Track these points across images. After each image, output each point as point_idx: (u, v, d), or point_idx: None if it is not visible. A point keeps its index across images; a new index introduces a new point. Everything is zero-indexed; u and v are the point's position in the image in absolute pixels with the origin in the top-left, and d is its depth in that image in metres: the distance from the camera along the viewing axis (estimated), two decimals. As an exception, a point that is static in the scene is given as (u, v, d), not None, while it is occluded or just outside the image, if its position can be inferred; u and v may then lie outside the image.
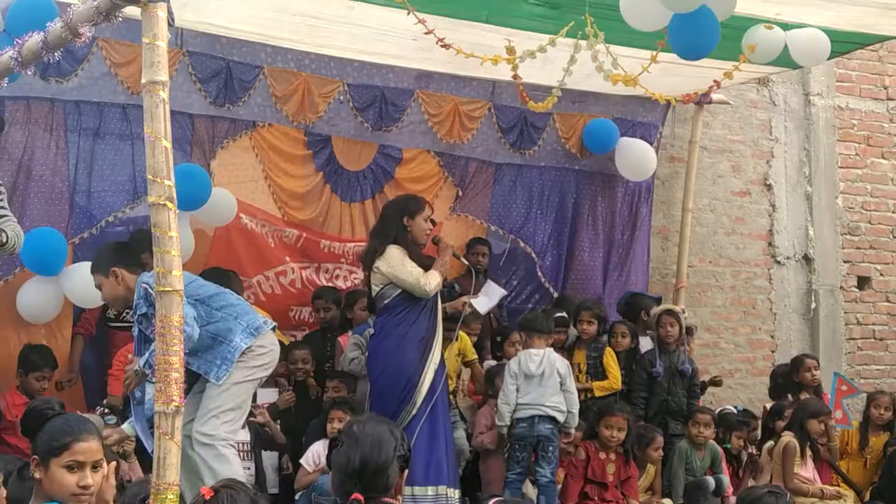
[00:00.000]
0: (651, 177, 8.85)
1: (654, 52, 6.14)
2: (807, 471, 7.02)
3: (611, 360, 7.40)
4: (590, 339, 7.46)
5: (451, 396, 6.73)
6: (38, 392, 6.03)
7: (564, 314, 7.66)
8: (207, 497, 3.00)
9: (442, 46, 6.28)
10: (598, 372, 7.37)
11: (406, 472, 3.32)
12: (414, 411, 6.02)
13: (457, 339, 6.83)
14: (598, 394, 7.30)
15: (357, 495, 3.12)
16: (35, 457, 3.41)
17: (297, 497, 6.14)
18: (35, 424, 3.48)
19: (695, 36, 5.55)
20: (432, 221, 6.49)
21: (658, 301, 8.06)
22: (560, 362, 6.64)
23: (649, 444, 6.90)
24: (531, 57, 6.24)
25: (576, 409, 6.59)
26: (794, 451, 6.89)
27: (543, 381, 6.52)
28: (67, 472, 3.32)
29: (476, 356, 7.17)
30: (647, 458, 6.92)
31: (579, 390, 6.90)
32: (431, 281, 6.14)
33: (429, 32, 6.06)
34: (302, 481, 6.11)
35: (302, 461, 6.16)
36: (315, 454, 6.13)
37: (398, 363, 6.09)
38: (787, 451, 6.88)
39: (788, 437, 6.92)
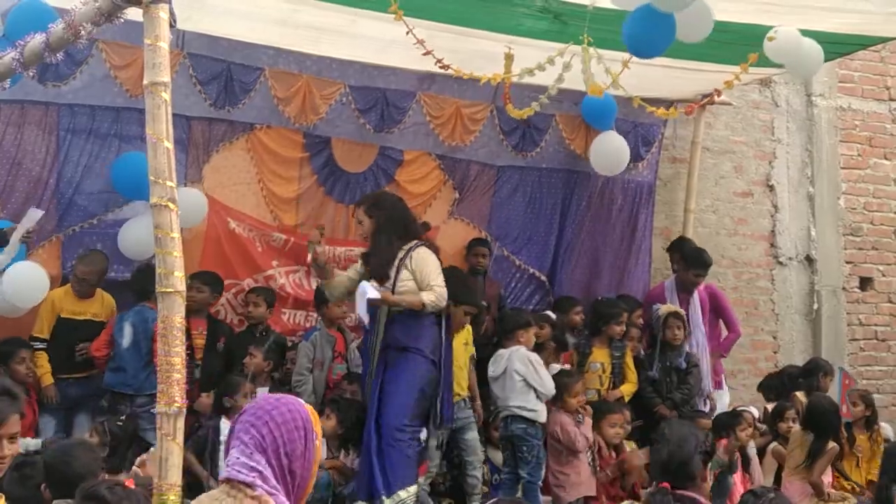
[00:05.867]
0: (653, 177, 8.86)
1: (626, 59, 6.16)
2: (826, 474, 7.05)
3: (630, 361, 7.46)
4: (613, 338, 7.46)
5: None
6: None
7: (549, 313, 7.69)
8: None
9: (441, 68, 6.33)
10: (621, 372, 7.41)
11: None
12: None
13: (462, 327, 6.79)
14: (627, 399, 7.33)
15: (665, 483, 3.77)
16: None
17: None
18: None
19: (649, 33, 5.51)
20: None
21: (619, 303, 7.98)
22: (518, 361, 6.58)
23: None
24: (529, 74, 6.25)
25: (550, 394, 6.58)
26: (835, 454, 6.95)
27: (505, 381, 6.57)
28: None
29: (473, 350, 6.94)
30: None
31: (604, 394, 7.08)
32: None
33: (427, 53, 6.09)
34: None
35: None
36: None
37: None
38: (830, 453, 6.88)
39: (832, 442, 6.94)
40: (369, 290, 6.04)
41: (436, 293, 6.10)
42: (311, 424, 2.80)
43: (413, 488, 5.95)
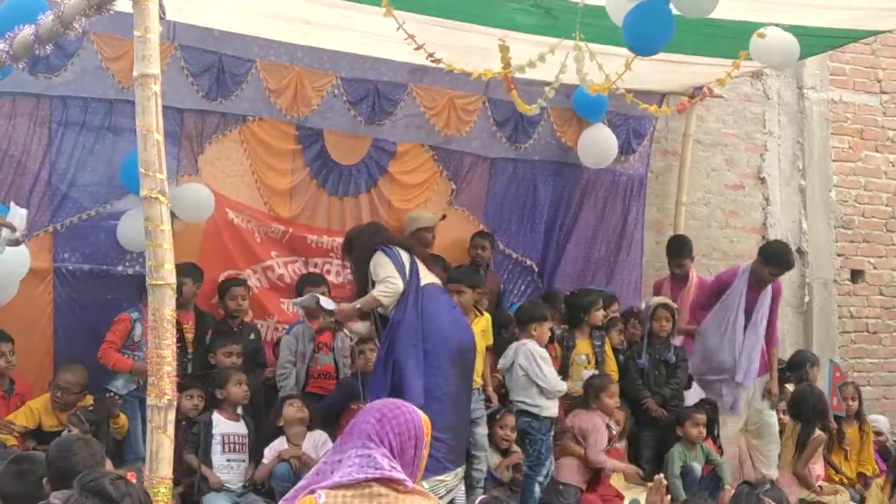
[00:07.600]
0: (644, 170, 8.87)
1: (629, 59, 6.14)
2: (819, 467, 7.09)
3: (609, 349, 7.45)
4: (594, 327, 7.43)
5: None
6: None
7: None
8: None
9: (433, 62, 6.31)
10: (603, 361, 7.39)
11: None
12: None
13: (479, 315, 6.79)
14: None
15: None
16: None
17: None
18: None
19: (649, 29, 5.47)
20: None
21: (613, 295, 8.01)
22: (522, 355, 6.48)
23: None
24: (520, 71, 6.24)
25: (556, 391, 6.50)
26: (821, 443, 7.05)
27: (512, 375, 6.52)
28: None
29: (491, 342, 6.87)
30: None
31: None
32: None
33: (418, 48, 6.07)
34: (261, 472, 6.11)
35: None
36: (272, 449, 6.18)
37: None
38: (815, 442, 6.99)
39: (819, 431, 7.05)
40: (324, 301, 6.28)
41: (384, 284, 5.95)
42: (423, 434, 2.95)
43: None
